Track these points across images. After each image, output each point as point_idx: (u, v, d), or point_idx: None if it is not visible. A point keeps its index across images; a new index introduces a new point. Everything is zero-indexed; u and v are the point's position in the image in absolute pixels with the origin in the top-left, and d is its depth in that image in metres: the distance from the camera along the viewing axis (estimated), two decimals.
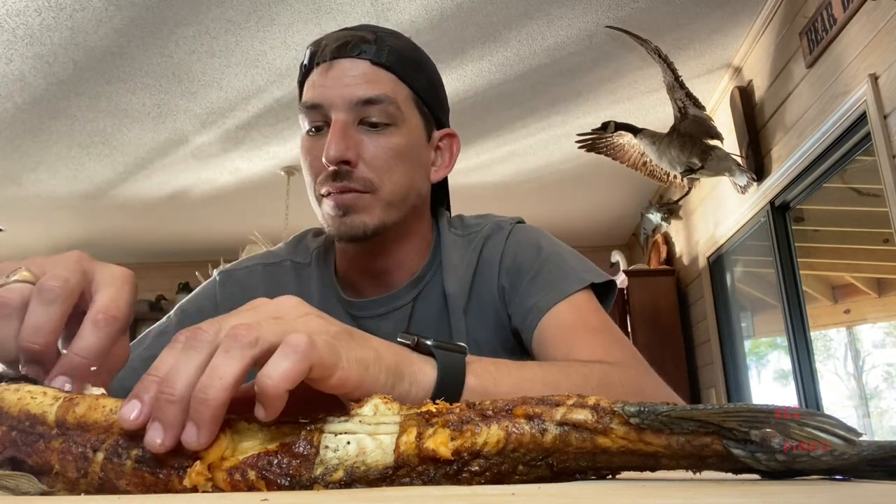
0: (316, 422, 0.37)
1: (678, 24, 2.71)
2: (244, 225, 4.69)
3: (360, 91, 0.74)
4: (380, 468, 0.36)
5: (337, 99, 0.74)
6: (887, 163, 1.98)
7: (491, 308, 0.81)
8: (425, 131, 0.81)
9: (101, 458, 0.36)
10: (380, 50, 0.77)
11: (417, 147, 0.80)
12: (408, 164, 0.77)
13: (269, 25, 2.64)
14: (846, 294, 3.42)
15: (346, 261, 0.85)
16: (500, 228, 0.85)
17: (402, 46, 0.80)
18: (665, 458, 0.34)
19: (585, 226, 5.18)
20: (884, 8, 1.95)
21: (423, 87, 0.80)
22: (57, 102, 3.14)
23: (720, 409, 0.32)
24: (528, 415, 0.36)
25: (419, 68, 0.81)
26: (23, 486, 0.36)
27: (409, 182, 0.78)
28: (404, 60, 0.78)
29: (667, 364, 3.89)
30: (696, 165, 2.86)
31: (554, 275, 0.78)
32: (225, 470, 0.36)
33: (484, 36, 2.75)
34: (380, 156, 0.75)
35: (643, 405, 0.34)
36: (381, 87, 0.75)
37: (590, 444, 0.35)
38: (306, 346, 0.36)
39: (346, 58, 0.76)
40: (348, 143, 0.73)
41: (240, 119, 3.37)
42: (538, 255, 0.81)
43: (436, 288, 0.83)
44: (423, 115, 0.81)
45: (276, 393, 0.35)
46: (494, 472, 0.35)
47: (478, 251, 0.83)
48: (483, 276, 0.82)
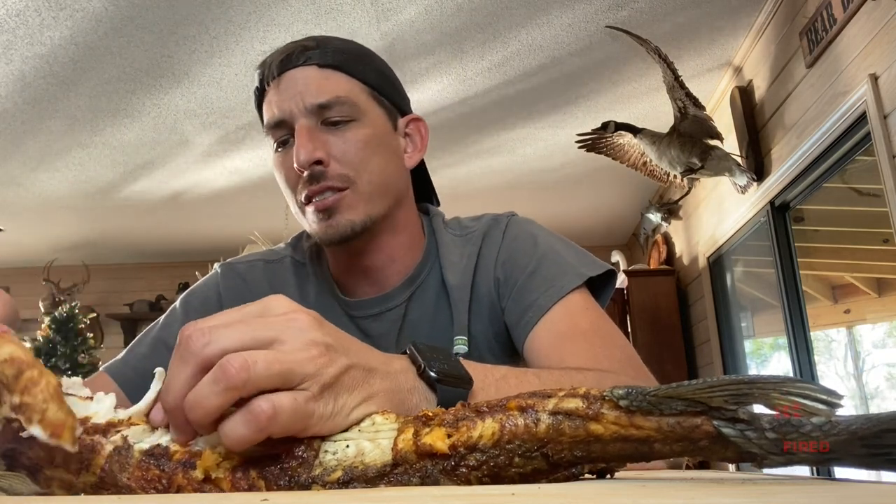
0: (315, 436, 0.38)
1: (678, 24, 2.71)
2: (244, 225, 4.69)
3: (313, 96, 0.75)
4: (378, 466, 0.36)
5: (294, 108, 0.75)
6: (887, 163, 1.98)
7: (487, 301, 0.82)
8: (389, 120, 0.82)
9: (109, 449, 0.36)
10: (324, 52, 0.77)
11: (385, 136, 0.80)
12: (378, 153, 0.78)
13: (269, 25, 2.64)
14: (846, 294, 3.42)
15: (337, 262, 0.85)
16: (496, 223, 0.86)
17: (345, 46, 0.80)
18: (658, 442, 0.34)
19: (585, 226, 5.18)
20: (884, 8, 1.95)
21: (375, 79, 0.81)
22: (57, 102, 3.14)
23: (705, 384, 0.33)
24: (521, 407, 0.36)
25: (366, 62, 0.81)
26: (16, 486, 0.36)
27: (384, 171, 0.78)
28: (350, 57, 0.79)
29: (667, 364, 3.89)
30: (696, 165, 2.86)
31: (551, 272, 0.78)
32: (226, 469, 0.36)
33: (484, 36, 2.75)
34: (349, 150, 0.75)
35: (631, 388, 0.35)
36: (334, 86, 0.76)
37: (583, 431, 0.35)
38: (266, 420, 0.35)
39: (294, 67, 0.77)
40: (315, 144, 0.74)
41: (240, 119, 3.37)
42: (534, 250, 0.81)
43: (430, 287, 0.84)
44: (383, 105, 0.81)
45: (230, 445, 0.36)
46: (491, 466, 0.36)
47: (477, 247, 0.84)
48: (482, 270, 0.83)
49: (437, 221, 0.89)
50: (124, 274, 5.77)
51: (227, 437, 0.35)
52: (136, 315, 5.52)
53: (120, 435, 0.37)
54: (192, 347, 0.37)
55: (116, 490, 0.36)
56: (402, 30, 2.69)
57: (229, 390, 0.35)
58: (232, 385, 0.35)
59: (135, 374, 0.81)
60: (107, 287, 5.68)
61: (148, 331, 0.87)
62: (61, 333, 4.59)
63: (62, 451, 0.35)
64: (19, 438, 0.35)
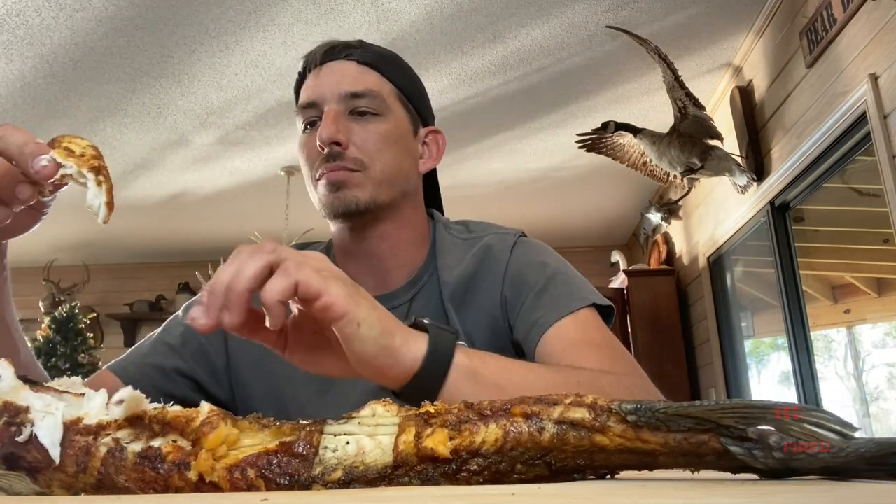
0: (315, 423, 0.37)
1: (678, 24, 2.71)
2: (244, 225, 4.69)
3: (348, 85, 0.82)
4: (378, 467, 0.36)
5: (328, 93, 0.82)
6: (887, 163, 1.98)
7: (488, 314, 0.82)
8: (411, 124, 0.88)
9: (103, 452, 0.36)
10: (364, 52, 0.85)
11: (404, 136, 0.86)
12: (395, 148, 0.83)
13: (269, 25, 2.64)
14: (846, 294, 3.42)
15: (344, 251, 0.88)
16: (504, 239, 0.87)
17: (385, 52, 0.88)
18: (662, 456, 0.34)
19: (585, 226, 5.18)
20: (884, 8, 1.94)
21: (406, 84, 0.88)
22: (57, 102, 3.14)
23: (717, 405, 0.32)
24: (526, 413, 0.36)
25: (402, 70, 0.89)
26: (16, 485, 0.36)
27: (398, 164, 0.83)
28: (387, 61, 0.87)
29: (667, 364, 3.89)
30: (696, 165, 2.86)
31: (559, 291, 0.79)
32: (225, 468, 0.36)
33: (484, 36, 2.75)
34: (368, 139, 0.81)
35: (639, 403, 0.34)
36: (367, 81, 0.83)
37: (587, 442, 0.35)
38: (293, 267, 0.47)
39: (335, 60, 0.84)
40: (339, 126, 0.80)
41: (240, 119, 3.36)
42: (544, 271, 0.83)
43: (432, 290, 0.85)
44: (408, 109, 0.87)
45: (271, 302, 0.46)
46: (493, 471, 0.35)
47: (479, 257, 0.85)
48: (484, 281, 0.83)
49: (440, 224, 0.91)
50: (124, 274, 5.77)
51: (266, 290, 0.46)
52: (136, 315, 5.52)
53: (111, 437, 0.37)
54: (242, 253, 0.49)
55: (116, 491, 0.36)
56: (402, 30, 2.69)
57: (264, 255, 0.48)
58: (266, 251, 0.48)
59: (136, 370, 0.83)
60: (107, 287, 5.67)
61: (150, 335, 0.89)
62: (61, 333, 4.59)
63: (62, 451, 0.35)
64: (16, 443, 0.35)
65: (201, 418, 0.37)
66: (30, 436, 0.36)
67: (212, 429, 0.36)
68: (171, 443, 0.36)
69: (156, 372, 0.82)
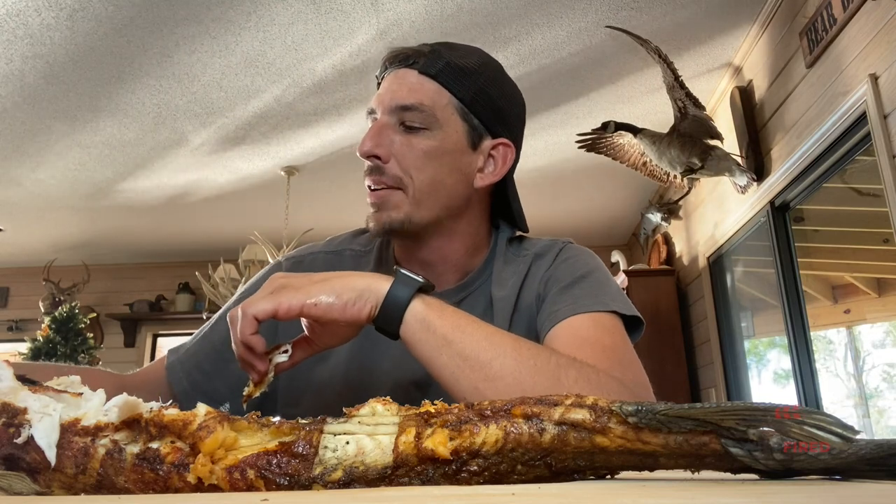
0: (315, 423, 0.37)
1: (678, 24, 2.71)
2: (244, 225, 4.69)
3: (400, 97, 0.82)
4: (378, 468, 0.36)
5: (382, 103, 0.83)
6: (887, 163, 1.98)
7: (527, 314, 0.84)
8: (468, 138, 0.84)
9: (101, 453, 0.36)
10: (430, 61, 0.83)
11: (453, 151, 0.83)
12: (437, 165, 0.82)
13: (269, 25, 2.64)
14: (846, 294, 3.42)
15: (398, 250, 0.91)
16: (552, 246, 0.89)
17: (455, 59, 0.84)
18: (663, 457, 0.34)
19: (585, 226, 5.18)
20: (884, 8, 1.94)
21: (471, 96, 0.84)
22: (57, 102, 3.14)
23: (718, 407, 0.32)
24: (527, 414, 0.36)
25: (471, 80, 0.84)
26: (16, 485, 0.36)
27: (438, 181, 0.82)
28: (454, 72, 0.83)
29: (667, 364, 3.89)
30: (696, 165, 2.85)
31: (585, 291, 0.80)
32: (224, 468, 0.36)
33: (484, 36, 2.75)
34: (409, 155, 0.81)
35: (641, 404, 0.34)
36: (420, 95, 0.82)
37: (588, 443, 0.35)
38: (246, 311, 0.62)
39: (399, 68, 0.84)
40: (380, 140, 0.81)
41: (240, 119, 3.36)
42: (576, 271, 0.84)
43: (481, 297, 0.86)
44: (468, 122, 0.84)
45: (240, 349, 0.63)
46: (493, 472, 0.35)
47: (527, 265, 0.87)
48: (528, 287, 0.85)
49: (502, 239, 0.91)
50: (124, 274, 5.77)
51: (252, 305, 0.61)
52: (136, 315, 5.52)
53: (109, 439, 0.37)
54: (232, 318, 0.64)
55: (116, 492, 0.36)
56: (402, 30, 2.69)
57: (251, 315, 0.62)
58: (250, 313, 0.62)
59: (180, 368, 0.87)
60: (107, 287, 5.67)
61: (203, 327, 0.93)
62: (61, 333, 4.59)
63: (59, 452, 0.35)
64: (15, 444, 0.35)
65: (198, 422, 0.36)
66: (28, 437, 0.36)
67: (209, 433, 0.36)
68: (169, 444, 0.36)
69: (199, 373, 0.85)
